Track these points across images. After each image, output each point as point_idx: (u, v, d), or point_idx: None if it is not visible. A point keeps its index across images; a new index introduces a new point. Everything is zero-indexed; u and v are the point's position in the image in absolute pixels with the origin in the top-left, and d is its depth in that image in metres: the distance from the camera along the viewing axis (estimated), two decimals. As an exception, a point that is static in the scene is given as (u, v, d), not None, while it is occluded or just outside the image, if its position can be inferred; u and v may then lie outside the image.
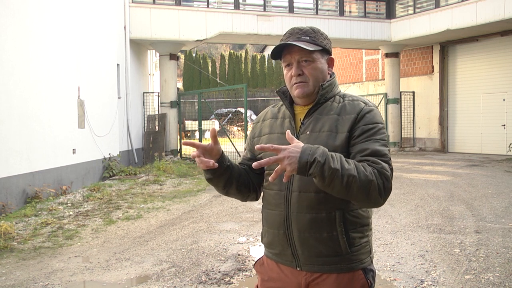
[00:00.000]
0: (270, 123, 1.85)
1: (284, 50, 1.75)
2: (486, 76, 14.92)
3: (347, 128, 1.65)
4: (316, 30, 1.77)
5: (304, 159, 1.46)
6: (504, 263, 4.34)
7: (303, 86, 1.73)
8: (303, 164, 1.46)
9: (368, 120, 1.65)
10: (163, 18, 13.39)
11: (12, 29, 7.27)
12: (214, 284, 4.03)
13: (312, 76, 1.72)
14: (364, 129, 1.64)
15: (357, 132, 1.64)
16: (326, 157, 1.48)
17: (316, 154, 1.47)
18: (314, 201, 1.64)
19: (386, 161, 1.59)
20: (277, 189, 1.73)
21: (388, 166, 1.58)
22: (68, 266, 4.66)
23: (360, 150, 1.61)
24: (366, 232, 1.72)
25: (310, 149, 1.48)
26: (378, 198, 1.54)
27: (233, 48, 42.62)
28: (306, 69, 1.72)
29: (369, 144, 1.61)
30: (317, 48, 1.72)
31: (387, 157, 1.60)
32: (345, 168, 1.49)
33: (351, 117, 1.67)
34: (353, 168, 1.50)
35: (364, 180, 1.50)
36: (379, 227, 5.82)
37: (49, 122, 8.31)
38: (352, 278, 1.67)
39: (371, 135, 1.63)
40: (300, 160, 1.46)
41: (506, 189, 8.33)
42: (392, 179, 1.59)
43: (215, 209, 7.30)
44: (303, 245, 1.67)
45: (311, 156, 1.47)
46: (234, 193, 1.84)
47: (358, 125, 1.65)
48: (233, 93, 29.77)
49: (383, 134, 1.66)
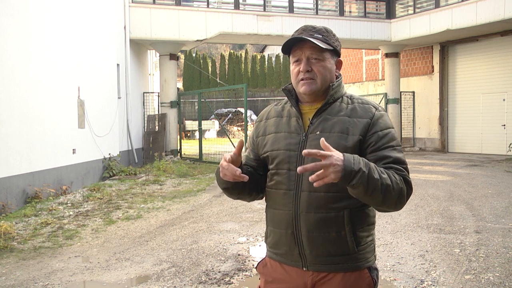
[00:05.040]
0: (275, 122, 1.82)
1: (294, 45, 1.73)
2: (486, 76, 14.92)
3: (360, 131, 1.66)
4: (329, 31, 1.77)
5: (349, 168, 1.46)
6: (504, 263, 4.34)
7: (311, 83, 1.71)
8: (348, 173, 1.46)
9: (382, 126, 1.68)
10: (163, 18, 13.39)
11: (12, 29, 7.27)
12: (214, 284, 4.03)
13: (321, 74, 1.72)
14: (380, 135, 1.66)
15: (373, 139, 1.66)
16: (369, 168, 1.50)
17: (361, 165, 1.48)
18: (323, 201, 1.65)
19: (406, 168, 1.65)
20: (286, 189, 1.72)
21: (408, 173, 1.65)
22: (68, 266, 4.65)
23: (382, 158, 1.63)
24: (371, 231, 1.74)
25: (353, 159, 1.49)
26: (403, 204, 1.62)
27: (233, 48, 42.60)
28: (316, 66, 1.71)
29: (390, 152, 1.65)
30: (329, 47, 1.72)
31: (405, 164, 1.66)
32: (383, 177, 1.53)
33: (363, 121, 1.67)
34: (387, 178, 1.55)
35: (396, 188, 1.56)
36: (379, 227, 5.82)
37: (49, 122, 8.31)
38: (359, 277, 1.69)
39: (388, 142, 1.66)
40: (346, 168, 1.45)
41: (506, 189, 8.33)
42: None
43: (215, 209, 7.30)
44: (311, 244, 1.68)
45: (357, 165, 1.47)
46: (245, 197, 1.85)
47: (372, 131, 1.67)
48: (233, 93, 29.78)
49: (397, 139, 1.70)
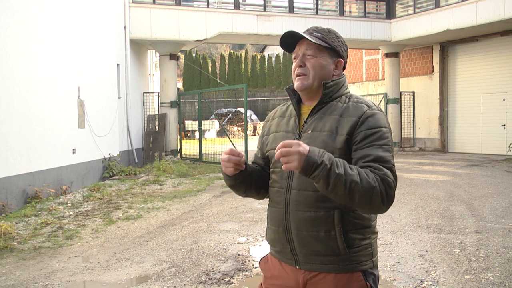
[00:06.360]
0: (277, 121, 1.87)
1: (296, 44, 1.78)
2: (486, 76, 14.92)
3: (347, 130, 1.63)
4: (332, 31, 1.78)
5: (312, 160, 1.45)
6: (504, 263, 4.34)
7: (302, 79, 1.73)
8: (310, 164, 1.45)
9: (370, 125, 1.62)
10: (163, 18, 13.39)
11: (12, 29, 7.27)
12: (214, 284, 4.03)
13: (314, 70, 1.72)
14: (366, 133, 1.61)
15: (359, 137, 1.61)
16: (332, 162, 1.48)
17: (324, 158, 1.47)
18: (312, 199, 1.64)
19: (389, 167, 1.56)
20: (278, 187, 1.75)
21: (391, 173, 1.56)
22: (68, 266, 4.65)
23: (363, 156, 1.59)
24: (367, 234, 1.69)
25: (318, 152, 1.48)
26: (381, 205, 1.52)
27: (233, 48, 42.61)
28: (309, 62, 1.73)
29: (372, 150, 1.58)
30: (324, 44, 1.73)
31: (390, 163, 1.58)
32: (349, 173, 1.48)
33: (351, 120, 1.64)
34: (356, 174, 1.49)
35: (366, 186, 1.49)
36: (379, 227, 5.81)
37: (49, 122, 8.31)
38: (351, 279, 1.66)
39: (374, 140, 1.60)
40: (308, 160, 1.45)
41: (506, 189, 8.33)
42: (395, 186, 1.56)
43: (215, 209, 7.30)
44: (301, 243, 1.68)
45: (319, 158, 1.46)
46: (254, 195, 1.88)
47: (359, 129, 1.62)
48: (233, 93, 29.80)
49: (387, 139, 1.62)
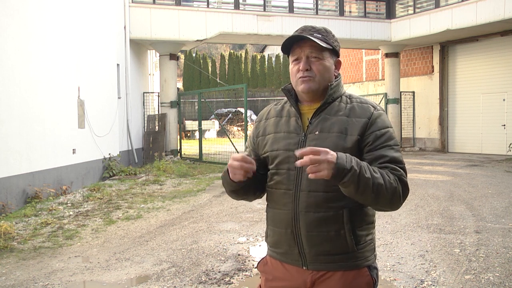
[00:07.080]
0: (274, 121, 1.83)
1: (294, 44, 1.75)
2: (486, 76, 14.92)
3: (358, 131, 1.66)
4: (329, 31, 1.79)
5: (342, 166, 1.48)
6: (504, 263, 4.34)
7: (309, 81, 1.72)
8: (340, 171, 1.48)
9: (380, 126, 1.68)
10: (163, 18, 13.39)
11: (12, 29, 7.27)
12: (214, 284, 4.03)
13: (320, 73, 1.72)
14: (377, 135, 1.66)
15: (371, 138, 1.66)
16: (360, 166, 1.51)
17: (352, 163, 1.50)
18: (322, 200, 1.66)
19: (403, 167, 1.65)
20: (285, 188, 1.73)
21: (405, 173, 1.65)
22: (68, 266, 4.65)
23: (378, 157, 1.64)
24: (371, 229, 1.75)
25: (346, 157, 1.51)
26: (399, 204, 1.62)
27: (233, 48, 42.59)
28: (315, 65, 1.72)
29: (386, 151, 1.65)
30: (328, 46, 1.73)
31: (402, 163, 1.66)
32: (374, 176, 1.53)
33: (361, 121, 1.68)
34: (380, 177, 1.55)
35: (389, 188, 1.56)
36: (379, 227, 5.81)
37: (49, 122, 8.31)
38: (358, 275, 1.69)
39: (385, 141, 1.66)
40: (338, 166, 1.47)
41: (506, 189, 8.33)
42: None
43: (215, 209, 7.30)
44: (310, 243, 1.69)
45: (348, 164, 1.49)
46: (249, 197, 1.87)
47: (370, 130, 1.67)
48: (233, 93, 29.78)
49: (395, 138, 1.70)
